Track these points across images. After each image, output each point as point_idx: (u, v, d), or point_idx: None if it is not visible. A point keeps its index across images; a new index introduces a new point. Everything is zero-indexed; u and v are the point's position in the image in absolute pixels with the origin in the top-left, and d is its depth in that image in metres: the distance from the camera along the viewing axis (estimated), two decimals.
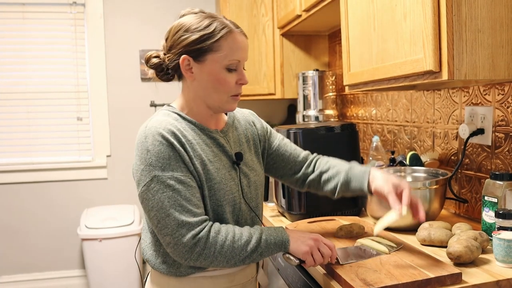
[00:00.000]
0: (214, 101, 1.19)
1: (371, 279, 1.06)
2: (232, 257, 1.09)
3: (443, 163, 1.80)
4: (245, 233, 1.11)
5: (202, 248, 1.07)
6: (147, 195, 1.10)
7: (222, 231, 1.09)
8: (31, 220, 3.35)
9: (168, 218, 1.07)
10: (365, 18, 1.57)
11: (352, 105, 2.70)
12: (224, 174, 1.18)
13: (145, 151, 1.10)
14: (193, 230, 1.07)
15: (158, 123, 1.13)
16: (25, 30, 3.30)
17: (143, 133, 1.13)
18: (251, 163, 1.29)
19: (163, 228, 1.08)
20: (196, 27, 1.14)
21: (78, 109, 3.40)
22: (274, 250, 1.13)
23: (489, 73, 1.19)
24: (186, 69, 1.17)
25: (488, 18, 1.18)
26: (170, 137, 1.10)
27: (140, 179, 1.11)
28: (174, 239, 1.07)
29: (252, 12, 2.94)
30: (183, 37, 1.15)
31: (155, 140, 1.10)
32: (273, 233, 1.14)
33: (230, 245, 1.08)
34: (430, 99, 1.87)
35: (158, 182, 1.08)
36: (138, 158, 1.12)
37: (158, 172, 1.08)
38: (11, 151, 3.32)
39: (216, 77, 1.16)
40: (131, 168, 3.39)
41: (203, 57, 1.15)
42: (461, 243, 1.17)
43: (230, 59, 1.15)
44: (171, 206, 1.07)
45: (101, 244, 2.98)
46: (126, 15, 3.40)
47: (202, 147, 1.16)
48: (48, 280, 3.38)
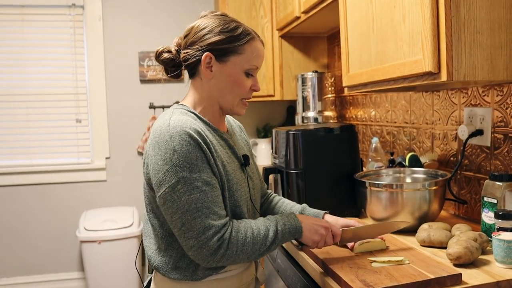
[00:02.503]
0: (227, 102, 1.21)
1: (371, 280, 1.05)
2: (253, 252, 1.10)
3: (443, 164, 1.80)
4: (261, 226, 1.12)
5: (225, 249, 1.06)
6: (171, 196, 1.06)
7: (241, 228, 1.10)
8: (30, 222, 3.34)
9: (194, 221, 1.05)
10: (364, 19, 1.57)
11: (351, 107, 2.70)
12: (238, 175, 1.19)
13: (171, 151, 1.06)
14: (219, 233, 1.06)
15: (182, 122, 1.09)
16: (24, 33, 3.30)
17: (166, 132, 1.08)
18: (251, 167, 1.31)
19: (187, 231, 1.05)
20: (223, 28, 1.17)
21: (77, 111, 3.40)
22: (288, 238, 1.16)
23: (488, 74, 1.19)
24: (206, 66, 1.18)
25: (487, 19, 1.18)
26: (197, 137, 1.08)
27: (163, 180, 1.07)
28: (199, 242, 1.05)
29: (251, 14, 2.94)
30: (209, 35, 1.17)
31: (182, 140, 1.07)
32: (287, 221, 1.16)
33: (250, 242, 1.09)
34: (429, 100, 1.88)
35: (186, 183, 1.05)
36: (160, 158, 1.07)
37: (186, 173, 1.06)
38: (10, 153, 3.32)
39: (235, 78, 1.18)
40: (130, 170, 3.43)
41: (226, 57, 1.17)
42: (461, 244, 1.17)
43: (251, 64, 1.19)
44: (198, 208, 1.05)
45: (100, 246, 2.97)
46: (125, 17, 3.40)
47: (219, 148, 1.17)
48: (47, 282, 3.37)
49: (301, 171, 1.66)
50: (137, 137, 3.46)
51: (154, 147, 1.10)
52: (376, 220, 1.54)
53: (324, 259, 1.23)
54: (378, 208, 1.50)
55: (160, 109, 3.43)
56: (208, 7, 3.43)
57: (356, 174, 1.66)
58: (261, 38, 1.24)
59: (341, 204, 1.69)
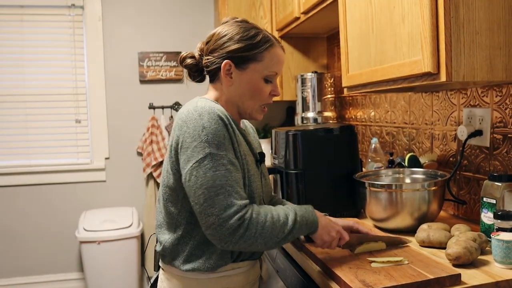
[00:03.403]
0: (247, 108, 1.24)
1: (370, 281, 1.06)
2: (271, 238, 1.10)
3: (442, 164, 1.80)
4: (281, 213, 1.13)
5: (245, 230, 1.06)
6: (197, 172, 1.07)
7: (261, 212, 1.10)
8: (29, 222, 3.34)
9: (217, 198, 1.06)
10: (364, 20, 1.57)
11: (350, 107, 2.70)
12: (255, 169, 1.22)
13: (200, 127, 1.09)
14: (239, 212, 1.06)
15: (210, 106, 1.13)
16: (24, 33, 3.30)
17: (194, 111, 1.11)
18: (264, 167, 1.35)
19: (209, 207, 1.06)
20: (242, 36, 1.19)
21: (76, 112, 3.40)
22: (305, 231, 1.17)
23: (487, 75, 1.19)
24: (226, 74, 1.20)
25: (486, 20, 1.18)
26: (225, 119, 1.12)
27: (191, 156, 1.09)
28: (220, 220, 1.05)
29: (251, 15, 2.94)
30: (228, 43, 1.19)
31: (211, 118, 1.10)
32: (305, 213, 1.16)
33: (269, 226, 1.09)
34: (429, 101, 1.88)
35: (212, 159, 1.07)
36: (188, 136, 1.10)
37: (214, 149, 1.08)
38: (9, 154, 3.32)
39: (254, 85, 1.21)
40: (129, 170, 3.43)
41: (245, 65, 1.19)
42: (460, 244, 1.17)
43: (270, 71, 1.21)
44: (223, 185, 1.07)
45: (100, 247, 2.97)
46: (125, 18, 3.40)
47: (240, 138, 1.20)
48: (46, 283, 3.37)
49: (301, 172, 1.67)
50: (136, 138, 3.46)
51: (181, 126, 1.12)
52: (375, 220, 1.54)
53: (324, 259, 1.23)
54: (377, 209, 1.50)
55: (160, 110, 3.43)
56: (207, 8, 3.43)
57: (355, 175, 1.66)
58: (281, 44, 1.26)
59: (340, 204, 1.69)
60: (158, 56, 3.41)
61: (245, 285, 1.23)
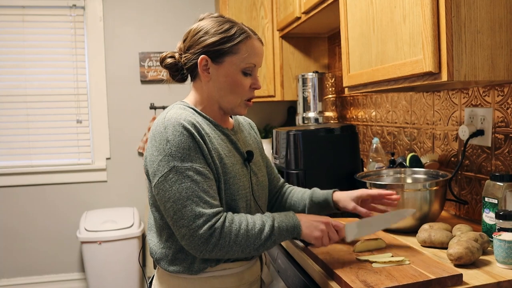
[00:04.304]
0: (228, 103, 1.22)
1: (372, 281, 1.05)
2: (247, 246, 1.10)
3: (443, 164, 1.80)
4: (257, 221, 1.12)
5: (218, 239, 1.07)
6: (164, 185, 1.09)
7: (236, 220, 1.10)
8: (30, 223, 3.34)
9: (184, 209, 1.06)
10: (365, 20, 1.57)
11: (352, 107, 2.70)
12: (238, 169, 1.20)
13: (164, 141, 1.09)
14: (209, 221, 1.06)
15: (178, 115, 1.13)
16: (25, 33, 3.30)
17: (161, 124, 1.12)
18: (258, 164, 1.32)
19: (179, 220, 1.07)
20: (217, 30, 1.18)
21: (77, 112, 3.40)
22: (286, 236, 1.15)
23: (489, 74, 1.19)
24: (203, 69, 1.19)
25: (487, 19, 1.18)
26: (191, 128, 1.11)
27: (157, 170, 1.10)
28: (190, 231, 1.06)
29: (252, 15, 2.94)
30: (203, 38, 1.18)
31: (175, 131, 1.09)
32: (285, 219, 1.16)
33: (244, 234, 1.09)
34: (430, 101, 1.87)
35: (177, 172, 1.08)
36: (155, 149, 1.11)
37: (177, 162, 1.08)
38: (10, 154, 3.32)
39: (232, 79, 1.19)
40: (130, 170, 3.43)
41: (221, 58, 1.18)
42: (462, 245, 1.17)
43: (247, 63, 1.19)
44: (189, 197, 1.07)
45: (101, 247, 2.97)
46: (126, 18, 3.40)
47: (218, 141, 1.19)
48: (47, 283, 3.37)
49: (302, 172, 1.66)
50: (137, 138, 3.46)
51: (151, 139, 1.14)
52: None
53: (325, 260, 1.23)
54: None
55: (161, 110, 3.43)
56: (208, 8, 3.43)
57: (356, 175, 1.66)
58: (258, 36, 1.24)
59: None
60: (159, 56, 3.41)
61: (238, 286, 1.21)
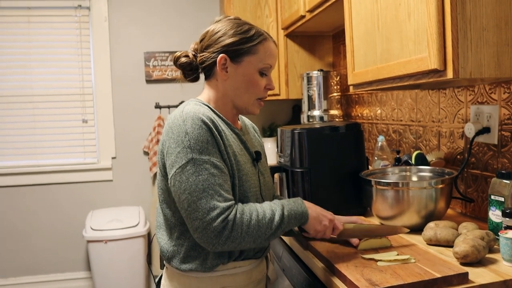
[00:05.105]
0: (243, 102, 1.25)
1: (377, 279, 1.05)
2: (259, 236, 1.11)
3: (449, 162, 1.79)
4: (267, 210, 1.14)
5: (230, 231, 1.08)
6: (180, 177, 1.10)
7: (246, 211, 1.12)
8: (36, 222, 3.36)
9: (199, 202, 1.08)
10: (369, 17, 1.56)
11: (357, 105, 2.69)
12: (249, 168, 1.23)
13: (183, 133, 1.11)
14: (223, 214, 1.08)
15: (196, 110, 1.15)
16: (31, 34, 3.32)
17: (179, 117, 1.14)
18: (264, 165, 1.36)
19: (193, 212, 1.08)
20: (236, 31, 1.22)
21: (83, 112, 3.42)
22: (294, 224, 1.18)
23: (495, 72, 1.18)
24: (221, 68, 1.22)
25: (493, 16, 1.17)
26: (209, 123, 1.13)
27: (175, 161, 1.11)
28: (204, 223, 1.07)
29: (256, 14, 2.94)
30: (222, 38, 1.22)
31: (194, 124, 1.12)
32: (294, 206, 1.18)
33: (255, 224, 1.10)
34: (435, 98, 1.87)
35: (195, 164, 1.10)
36: (173, 141, 1.12)
37: (196, 155, 1.10)
38: (17, 154, 3.34)
39: (249, 78, 1.23)
40: (136, 169, 3.44)
41: (240, 58, 1.22)
42: (468, 243, 1.16)
43: (264, 63, 1.23)
44: (205, 189, 1.08)
45: (107, 246, 2.99)
46: (131, 18, 3.41)
47: (231, 139, 1.21)
48: (53, 282, 3.39)
49: (307, 170, 1.66)
50: (143, 137, 3.47)
51: (167, 132, 1.15)
52: (382, 218, 1.53)
53: (330, 258, 1.23)
54: (384, 207, 1.50)
55: (166, 109, 3.44)
56: (213, 8, 3.43)
57: (362, 173, 1.65)
58: (273, 39, 1.28)
59: (346, 202, 1.68)
60: (164, 55, 3.42)
61: (247, 284, 1.23)
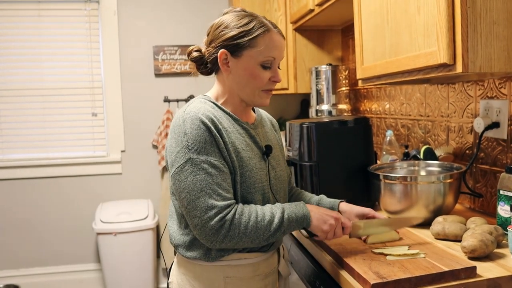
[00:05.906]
0: (247, 95, 1.25)
1: (384, 272, 1.06)
2: (256, 237, 1.13)
3: (458, 157, 1.78)
4: (267, 212, 1.15)
5: (227, 230, 1.10)
6: (179, 176, 1.13)
7: (245, 211, 1.13)
8: (47, 214, 3.40)
9: (198, 200, 1.11)
10: (378, 11, 1.56)
11: (365, 100, 2.68)
12: (255, 163, 1.22)
13: (182, 134, 1.14)
14: (221, 213, 1.10)
15: (197, 109, 1.17)
16: (41, 28, 3.34)
17: (181, 117, 1.17)
18: (277, 158, 1.34)
19: (192, 210, 1.11)
20: (236, 24, 1.21)
21: (92, 105, 3.44)
22: (296, 227, 1.18)
23: (505, 66, 1.17)
24: (223, 63, 1.22)
25: (504, 10, 1.16)
26: (208, 122, 1.14)
27: (174, 161, 1.15)
28: (202, 221, 1.10)
29: (265, 7, 2.94)
30: (223, 32, 1.21)
31: (193, 124, 1.14)
32: (295, 209, 1.18)
33: (253, 225, 1.12)
34: (444, 93, 1.86)
35: (192, 164, 1.12)
36: (174, 141, 1.16)
37: (193, 155, 1.12)
38: (27, 147, 3.38)
39: (250, 72, 1.21)
40: (145, 163, 3.46)
41: (240, 52, 1.20)
42: (476, 237, 1.16)
43: (266, 56, 1.21)
44: (202, 188, 1.11)
45: (116, 238, 3.02)
46: (140, 11, 3.42)
47: (236, 135, 1.21)
48: (63, 273, 3.43)
49: (315, 164, 1.67)
50: (152, 131, 3.49)
51: (171, 131, 1.19)
52: (390, 213, 1.54)
53: (338, 251, 1.23)
54: (392, 201, 1.50)
55: (175, 103, 3.45)
56: (222, 1, 3.42)
57: (370, 167, 1.65)
58: (279, 30, 1.25)
59: (355, 197, 1.68)
60: (172, 49, 3.43)
61: (253, 276, 1.23)
